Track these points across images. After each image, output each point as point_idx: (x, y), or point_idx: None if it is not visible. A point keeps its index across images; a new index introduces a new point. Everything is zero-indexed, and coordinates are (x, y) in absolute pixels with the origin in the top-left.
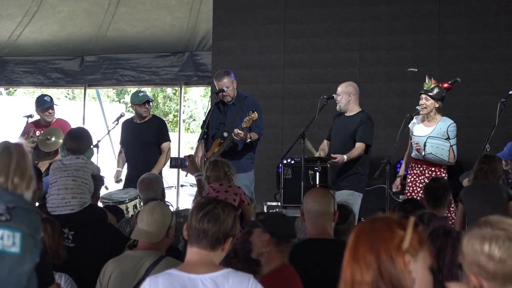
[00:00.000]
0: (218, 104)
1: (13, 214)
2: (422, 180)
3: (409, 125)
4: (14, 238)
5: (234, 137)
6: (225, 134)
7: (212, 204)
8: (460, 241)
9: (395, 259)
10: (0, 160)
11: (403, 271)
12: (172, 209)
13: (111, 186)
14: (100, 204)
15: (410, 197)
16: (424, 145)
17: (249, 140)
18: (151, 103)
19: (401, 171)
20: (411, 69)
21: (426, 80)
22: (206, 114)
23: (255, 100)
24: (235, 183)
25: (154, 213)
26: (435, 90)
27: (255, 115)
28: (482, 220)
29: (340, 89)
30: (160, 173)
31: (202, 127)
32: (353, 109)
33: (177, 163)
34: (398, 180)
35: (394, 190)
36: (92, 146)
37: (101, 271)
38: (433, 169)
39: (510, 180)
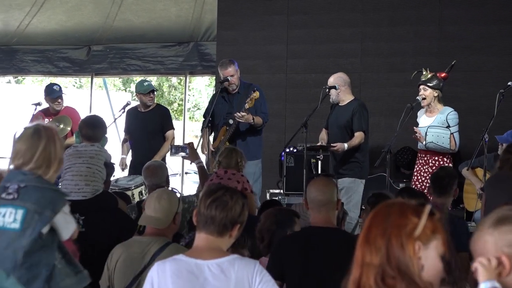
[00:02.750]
0: (222, 94)
1: (21, 193)
2: (426, 170)
3: (418, 118)
4: (16, 215)
5: (238, 120)
6: (231, 121)
7: (221, 191)
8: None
9: (405, 245)
10: (29, 142)
11: (411, 258)
12: (178, 195)
13: (117, 173)
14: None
15: (414, 185)
16: (425, 135)
17: (252, 121)
18: (155, 93)
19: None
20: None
21: (423, 72)
22: (209, 103)
23: (259, 87)
24: (247, 170)
25: (162, 200)
26: (433, 80)
27: (256, 94)
28: (501, 209)
29: (329, 82)
30: (164, 160)
31: (204, 116)
32: (345, 99)
33: (178, 151)
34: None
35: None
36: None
37: (109, 255)
38: (436, 158)
39: None
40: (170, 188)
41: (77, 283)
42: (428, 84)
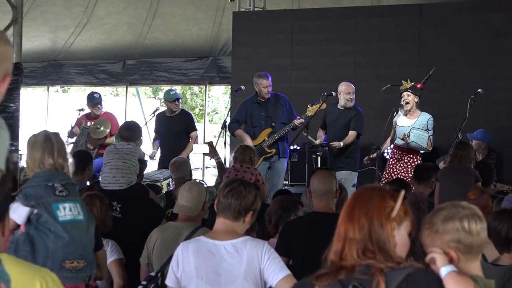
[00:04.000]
0: (256, 101)
1: (69, 189)
2: (401, 165)
3: (394, 119)
4: (77, 208)
5: (297, 124)
6: (273, 124)
7: (237, 183)
8: (425, 210)
9: (384, 225)
10: (45, 146)
11: (389, 236)
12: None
13: (148, 166)
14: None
15: (388, 176)
16: (408, 135)
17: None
18: (180, 100)
19: (382, 149)
20: (387, 86)
21: (403, 82)
22: (238, 109)
23: (286, 97)
24: (280, 165)
25: (192, 191)
26: (414, 88)
27: (324, 105)
28: (445, 205)
29: (347, 88)
30: (188, 156)
31: (237, 119)
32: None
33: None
34: (374, 155)
35: (365, 161)
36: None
37: (148, 237)
38: (410, 155)
39: (491, 160)
40: (198, 180)
41: None
42: (411, 91)
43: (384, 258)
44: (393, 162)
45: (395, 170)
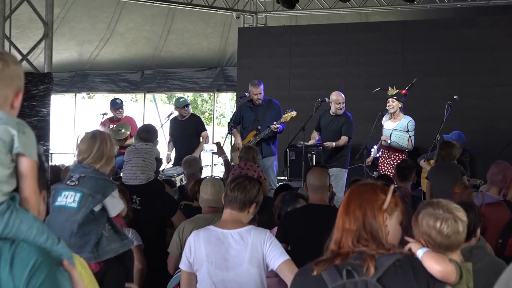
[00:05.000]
0: (249, 105)
1: (80, 181)
2: (389, 162)
3: (382, 121)
4: (75, 197)
5: (272, 129)
6: (259, 127)
7: (242, 178)
8: (410, 206)
9: (376, 216)
10: (88, 143)
11: (381, 226)
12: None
13: (164, 164)
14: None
15: (381, 173)
16: (390, 136)
17: (279, 131)
18: (189, 106)
19: (374, 153)
20: (377, 90)
21: (389, 89)
22: (235, 112)
23: (278, 103)
24: (266, 163)
25: (215, 185)
26: (398, 95)
27: (294, 113)
28: (435, 201)
29: (338, 97)
30: (199, 155)
31: (234, 121)
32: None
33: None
34: (370, 158)
35: (367, 163)
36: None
37: (179, 228)
38: (397, 154)
39: (465, 158)
40: (214, 176)
41: (121, 247)
42: (395, 97)
43: (376, 246)
44: (382, 160)
45: (383, 167)
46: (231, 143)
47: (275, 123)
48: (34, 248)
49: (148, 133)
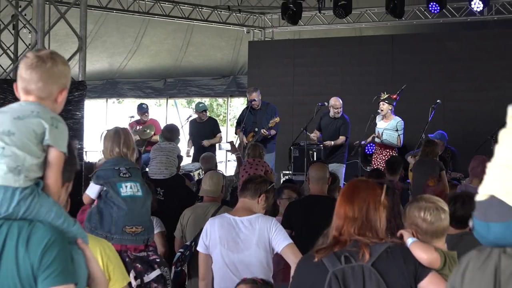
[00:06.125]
0: (250, 110)
1: (131, 172)
2: (382, 158)
3: (376, 121)
4: (137, 187)
5: (262, 135)
6: (256, 129)
7: (255, 175)
8: (396, 193)
9: (377, 208)
10: (114, 138)
11: (380, 217)
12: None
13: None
14: None
15: (375, 167)
16: (382, 134)
17: (269, 136)
18: (207, 111)
19: (364, 142)
20: (376, 98)
21: (381, 94)
22: (240, 116)
23: (275, 106)
24: (267, 159)
25: (213, 178)
26: (389, 99)
27: (277, 119)
28: (419, 197)
29: (336, 103)
30: (215, 152)
31: (238, 123)
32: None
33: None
34: (357, 142)
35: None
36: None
37: (180, 215)
38: (388, 150)
39: (447, 155)
40: (217, 170)
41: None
42: (386, 101)
43: (372, 235)
44: (375, 156)
45: (376, 162)
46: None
47: (263, 130)
48: (48, 228)
49: (171, 133)
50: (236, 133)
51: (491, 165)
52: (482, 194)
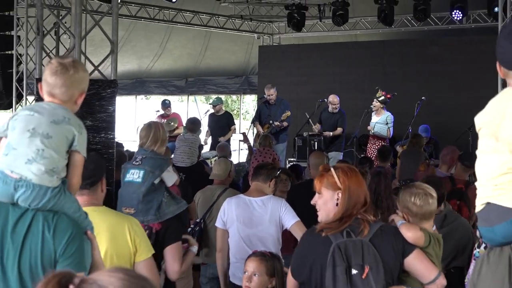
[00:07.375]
0: (266, 103)
1: (143, 161)
2: (374, 147)
3: (372, 115)
4: (139, 174)
5: (275, 127)
6: (271, 121)
7: (266, 163)
8: (388, 178)
9: (367, 192)
10: (145, 131)
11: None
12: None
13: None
14: None
15: (368, 155)
16: (374, 127)
17: (281, 127)
18: (222, 105)
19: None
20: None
21: (379, 91)
22: (256, 110)
23: (287, 102)
24: (278, 148)
25: (221, 163)
26: (381, 98)
27: (288, 113)
28: (411, 184)
29: (333, 100)
30: (229, 141)
31: (256, 116)
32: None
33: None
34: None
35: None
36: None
37: (195, 195)
38: (380, 141)
39: (430, 146)
40: (226, 158)
41: (177, 209)
42: (379, 99)
43: (369, 213)
44: (369, 146)
45: (369, 151)
46: (253, 133)
47: (276, 122)
48: (71, 221)
49: (194, 124)
50: (253, 125)
51: (478, 180)
52: (479, 205)
